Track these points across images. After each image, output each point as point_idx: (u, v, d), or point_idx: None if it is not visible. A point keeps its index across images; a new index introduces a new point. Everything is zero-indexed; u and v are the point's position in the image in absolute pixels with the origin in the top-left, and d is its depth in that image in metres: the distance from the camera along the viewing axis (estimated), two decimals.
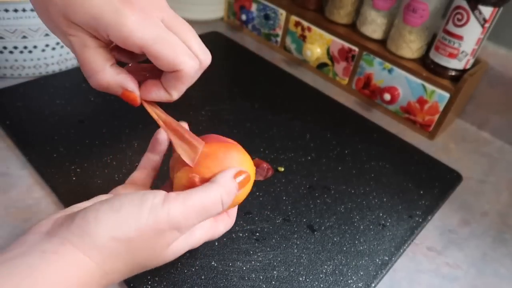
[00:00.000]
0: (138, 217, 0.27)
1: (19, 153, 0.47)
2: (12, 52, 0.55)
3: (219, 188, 0.29)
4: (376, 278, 0.40)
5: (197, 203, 0.28)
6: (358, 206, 0.48)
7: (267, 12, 0.74)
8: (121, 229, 0.26)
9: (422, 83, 0.60)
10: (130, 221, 0.26)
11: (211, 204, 0.29)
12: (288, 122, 0.59)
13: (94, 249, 0.26)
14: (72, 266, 0.25)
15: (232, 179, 0.31)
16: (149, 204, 0.27)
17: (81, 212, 0.27)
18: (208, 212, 0.29)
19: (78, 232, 0.26)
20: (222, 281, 0.38)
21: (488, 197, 0.54)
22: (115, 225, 0.26)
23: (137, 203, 0.27)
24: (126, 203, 0.27)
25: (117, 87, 0.30)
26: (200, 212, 0.28)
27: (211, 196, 0.29)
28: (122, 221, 0.26)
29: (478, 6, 0.52)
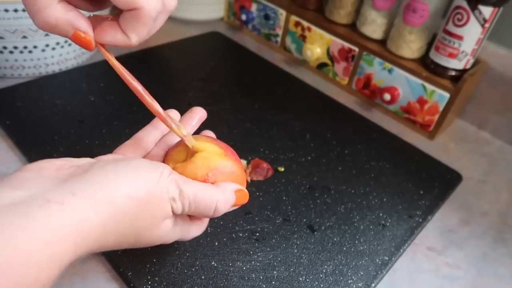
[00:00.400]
0: (151, 180, 0.27)
1: (19, 153, 0.47)
2: (12, 52, 0.55)
3: (219, 192, 0.30)
4: (376, 278, 0.40)
5: (195, 192, 0.29)
6: (358, 206, 0.48)
7: (267, 12, 0.74)
8: (136, 189, 0.26)
9: (422, 83, 0.60)
10: (144, 182, 0.27)
11: (207, 202, 0.30)
12: (288, 122, 0.59)
13: (106, 204, 0.25)
14: (75, 220, 0.24)
15: (233, 192, 0.32)
16: (160, 171, 0.28)
17: (99, 163, 0.27)
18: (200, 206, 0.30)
19: (95, 184, 0.25)
20: (222, 281, 0.38)
21: (488, 197, 0.54)
22: (132, 184, 0.26)
23: (152, 167, 0.28)
24: (142, 165, 0.28)
25: (67, 26, 0.27)
26: (194, 201, 0.29)
27: (208, 195, 0.30)
28: (139, 181, 0.27)
29: (478, 6, 0.52)
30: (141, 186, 0.27)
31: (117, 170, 0.27)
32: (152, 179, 0.27)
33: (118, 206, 0.26)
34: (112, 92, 0.58)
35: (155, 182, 0.27)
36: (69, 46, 0.59)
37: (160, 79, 0.63)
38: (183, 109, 0.36)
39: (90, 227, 0.24)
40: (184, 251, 0.39)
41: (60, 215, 0.23)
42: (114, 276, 0.38)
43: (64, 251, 0.23)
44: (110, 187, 0.25)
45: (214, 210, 0.30)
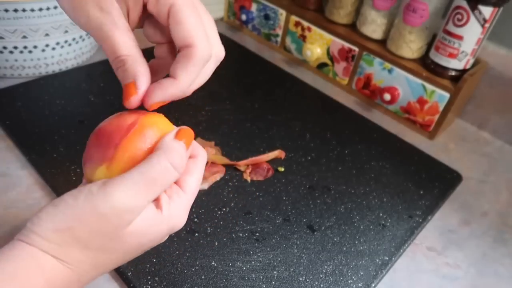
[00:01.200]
0: (74, 205, 0.25)
1: (19, 153, 0.47)
2: (12, 52, 0.55)
3: (160, 154, 0.26)
4: (376, 278, 0.40)
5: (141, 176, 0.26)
6: (358, 206, 0.48)
7: (267, 12, 0.74)
8: (59, 220, 0.25)
9: (422, 83, 0.60)
10: (67, 211, 0.25)
11: (160, 172, 0.26)
12: (288, 122, 0.59)
13: (44, 242, 0.25)
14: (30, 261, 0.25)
15: (174, 140, 0.27)
16: (84, 192, 0.26)
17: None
18: (160, 181, 0.26)
19: (25, 232, 0.26)
20: (222, 281, 0.38)
21: (488, 197, 0.54)
22: (54, 218, 0.26)
23: (74, 194, 0.26)
24: (65, 197, 0.26)
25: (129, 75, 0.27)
26: (149, 185, 0.26)
27: (155, 164, 0.26)
28: (59, 213, 0.26)
29: (478, 6, 0.52)
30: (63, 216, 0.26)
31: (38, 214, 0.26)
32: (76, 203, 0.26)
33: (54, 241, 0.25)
34: (112, 92, 0.58)
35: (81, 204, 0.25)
36: (69, 46, 0.59)
37: None
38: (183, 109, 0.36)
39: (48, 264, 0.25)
40: (184, 251, 0.39)
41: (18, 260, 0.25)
42: (114, 276, 0.38)
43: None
44: (35, 230, 0.25)
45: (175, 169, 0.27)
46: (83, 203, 0.25)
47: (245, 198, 0.46)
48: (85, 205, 0.25)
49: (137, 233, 0.27)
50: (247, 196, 0.46)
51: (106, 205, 0.25)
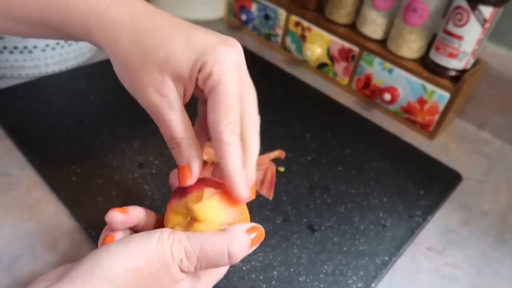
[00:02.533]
0: (147, 246, 0.26)
1: (19, 153, 0.47)
2: (12, 52, 0.55)
3: (226, 237, 0.28)
4: (376, 278, 0.40)
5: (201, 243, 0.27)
6: (358, 206, 0.48)
7: (267, 12, 0.74)
8: (131, 259, 0.26)
9: (422, 83, 0.60)
10: (140, 251, 0.26)
11: (216, 251, 0.27)
12: (288, 122, 0.59)
13: (104, 282, 0.25)
14: None
15: (245, 233, 0.29)
16: (157, 236, 0.27)
17: (91, 252, 0.27)
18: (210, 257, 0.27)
19: (89, 267, 0.25)
20: (222, 281, 0.38)
21: (488, 197, 0.54)
22: (126, 256, 0.26)
23: (145, 235, 0.27)
24: (135, 237, 0.27)
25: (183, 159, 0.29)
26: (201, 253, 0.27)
27: (216, 243, 0.27)
28: (132, 251, 0.26)
29: (478, 6, 0.52)
30: (135, 256, 0.26)
31: (109, 249, 0.26)
32: (149, 245, 0.26)
33: (116, 282, 0.25)
34: (112, 92, 0.58)
35: (154, 248, 0.26)
36: (69, 46, 0.59)
37: None
38: None
39: None
40: None
41: None
42: None
43: None
44: (103, 265, 0.25)
45: (229, 257, 0.27)
46: (156, 245, 0.26)
47: None
48: (157, 249, 0.26)
49: None
50: None
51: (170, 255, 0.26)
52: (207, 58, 0.28)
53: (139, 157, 0.49)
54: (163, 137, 0.30)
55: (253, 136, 0.31)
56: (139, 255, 0.26)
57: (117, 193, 0.44)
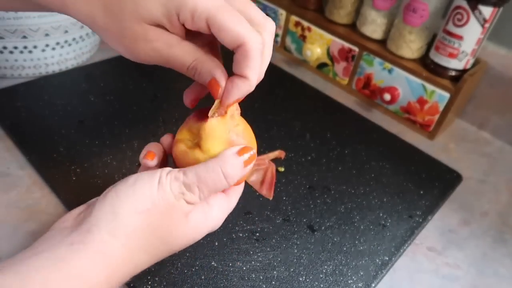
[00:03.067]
0: (150, 188, 0.28)
1: (19, 153, 0.47)
2: (12, 52, 0.55)
3: (218, 162, 0.29)
4: (376, 278, 0.40)
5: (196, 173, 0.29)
6: (358, 206, 0.48)
7: (267, 12, 0.74)
8: (140, 202, 0.27)
9: (422, 83, 0.60)
10: (145, 193, 0.28)
11: (212, 178, 0.29)
12: (288, 122, 0.58)
13: (119, 227, 0.27)
14: (98, 252, 0.26)
15: (235, 155, 0.30)
16: (157, 177, 0.29)
17: (101, 196, 0.28)
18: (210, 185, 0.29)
19: (102, 214, 0.27)
20: (222, 281, 0.38)
21: (488, 197, 0.54)
22: (134, 199, 0.27)
23: (148, 178, 0.29)
24: (139, 178, 0.29)
25: (206, 75, 0.30)
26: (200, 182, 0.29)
27: (210, 169, 0.29)
28: (139, 194, 0.28)
29: (478, 6, 0.52)
30: (142, 198, 0.28)
31: (117, 194, 0.28)
32: (151, 187, 0.28)
33: (132, 225, 0.27)
34: (112, 92, 0.58)
35: (155, 189, 0.28)
36: (69, 46, 0.59)
37: (161, 79, 0.63)
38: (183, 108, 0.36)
39: (114, 253, 0.26)
40: (184, 251, 0.39)
41: (86, 253, 0.26)
42: None
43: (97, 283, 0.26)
44: (116, 212, 0.27)
45: (225, 178, 0.29)
46: (157, 186, 0.28)
47: (245, 198, 0.46)
48: (159, 190, 0.28)
49: (191, 226, 0.30)
50: (247, 196, 0.46)
51: (170, 192, 0.28)
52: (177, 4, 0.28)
53: (139, 157, 0.49)
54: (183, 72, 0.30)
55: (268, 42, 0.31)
56: (145, 198, 0.28)
57: None
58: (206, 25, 0.28)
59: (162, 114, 0.55)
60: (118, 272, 0.27)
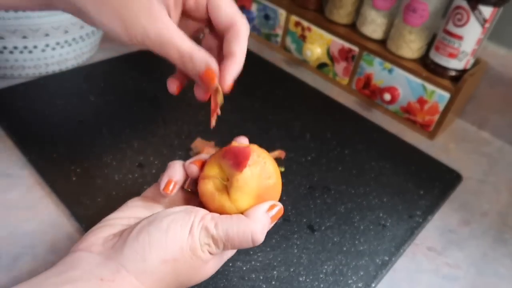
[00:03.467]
0: (181, 237, 0.28)
1: (19, 153, 0.47)
2: (12, 52, 0.55)
3: (250, 224, 0.30)
4: (376, 278, 0.40)
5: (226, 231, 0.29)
6: (358, 206, 0.48)
7: (267, 12, 0.74)
8: (169, 250, 0.28)
9: (422, 83, 0.60)
10: (176, 241, 0.28)
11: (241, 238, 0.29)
12: (288, 122, 0.58)
13: (146, 273, 0.27)
14: None
15: (265, 213, 0.31)
16: (190, 224, 0.29)
17: (132, 234, 0.29)
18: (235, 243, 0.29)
19: (132, 257, 0.28)
20: (222, 281, 0.38)
21: (488, 197, 0.54)
22: (165, 247, 0.28)
23: (181, 223, 0.29)
24: (171, 224, 0.29)
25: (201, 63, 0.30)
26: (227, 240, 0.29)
27: (241, 230, 0.29)
28: (170, 242, 0.28)
29: (478, 6, 0.52)
30: (173, 246, 0.28)
31: (149, 238, 0.28)
32: (183, 235, 0.28)
33: (157, 272, 0.28)
34: (112, 92, 0.58)
35: (186, 237, 0.28)
36: (69, 46, 0.59)
37: (160, 79, 0.63)
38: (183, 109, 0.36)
39: None
40: None
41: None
42: None
43: None
44: (146, 257, 0.28)
45: (252, 241, 0.30)
46: (187, 236, 0.29)
47: None
48: (188, 239, 0.28)
49: (207, 272, 0.31)
50: None
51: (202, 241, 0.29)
52: None
53: (139, 157, 0.49)
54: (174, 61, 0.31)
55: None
56: (174, 246, 0.28)
57: (117, 193, 0.44)
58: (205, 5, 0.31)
59: (162, 114, 0.55)
60: None
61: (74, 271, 0.27)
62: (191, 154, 0.50)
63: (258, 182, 0.31)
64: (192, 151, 0.50)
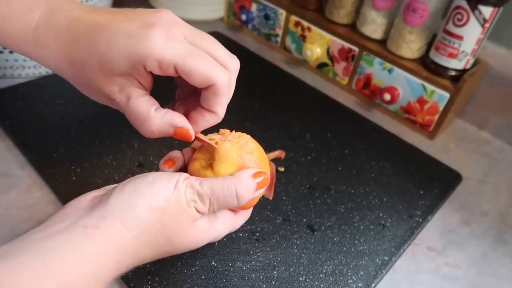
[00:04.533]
0: (167, 189, 0.29)
1: (19, 153, 0.47)
2: (12, 52, 0.55)
3: (234, 180, 0.31)
4: (376, 278, 0.40)
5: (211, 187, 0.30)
6: (358, 206, 0.48)
7: (267, 12, 0.74)
8: (155, 199, 0.28)
9: (422, 83, 0.60)
10: (161, 192, 0.29)
11: (225, 195, 0.30)
12: (288, 122, 0.58)
13: (133, 220, 0.28)
14: (111, 239, 0.27)
15: (250, 177, 0.32)
16: (174, 180, 0.30)
17: (118, 186, 0.29)
18: (222, 201, 0.30)
19: (118, 204, 0.28)
20: (222, 281, 0.38)
21: (488, 197, 0.54)
22: (151, 196, 0.28)
23: (166, 179, 0.30)
24: (157, 178, 0.30)
25: (168, 128, 0.31)
26: (212, 195, 0.30)
27: (225, 185, 0.30)
28: (156, 192, 0.29)
29: (478, 6, 0.52)
30: (158, 196, 0.29)
31: (135, 187, 0.29)
32: (168, 188, 0.29)
33: (144, 219, 0.28)
34: None
35: (171, 190, 0.29)
36: None
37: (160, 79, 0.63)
38: None
39: (125, 243, 0.27)
40: None
41: (99, 238, 0.27)
42: None
43: (108, 268, 0.27)
44: (132, 204, 0.28)
45: (237, 198, 0.30)
46: (173, 189, 0.29)
47: None
48: (174, 192, 0.29)
49: (196, 233, 0.31)
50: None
51: (184, 197, 0.29)
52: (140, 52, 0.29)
53: (139, 157, 0.49)
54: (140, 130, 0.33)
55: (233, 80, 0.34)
56: (160, 196, 0.29)
57: None
58: (174, 71, 0.30)
59: None
60: (125, 262, 0.28)
61: (59, 224, 0.27)
62: None
63: (238, 154, 0.32)
64: None
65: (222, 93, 0.31)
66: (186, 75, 0.30)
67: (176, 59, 0.29)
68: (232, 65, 0.32)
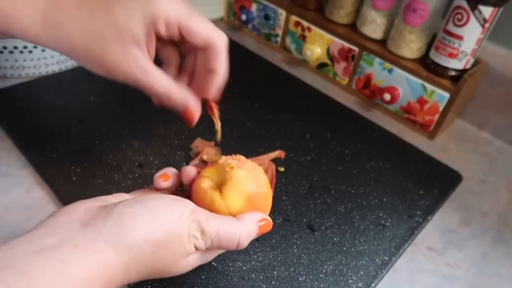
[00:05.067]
0: (169, 220, 0.28)
1: (19, 153, 0.47)
2: (12, 52, 0.55)
3: (240, 227, 0.30)
4: (376, 278, 0.40)
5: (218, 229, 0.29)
6: (358, 206, 0.48)
7: (267, 12, 0.74)
8: (154, 230, 0.27)
9: (422, 83, 0.60)
10: (162, 223, 0.28)
11: (229, 238, 0.30)
12: (288, 122, 0.58)
13: (125, 247, 0.27)
14: (100, 264, 0.26)
15: (256, 223, 0.31)
16: (180, 212, 0.29)
17: (118, 207, 0.28)
18: (223, 243, 0.30)
19: (114, 229, 0.27)
20: (222, 281, 0.38)
21: (488, 197, 0.54)
22: (150, 226, 0.27)
23: (170, 207, 0.29)
24: (160, 206, 0.29)
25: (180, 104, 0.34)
26: (216, 238, 0.29)
27: (231, 231, 0.30)
28: (156, 223, 0.28)
29: (478, 6, 0.52)
30: (158, 228, 0.28)
31: (135, 213, 0.28)
32: (171, 219, 0.28)
33: (137, 249, 0.27)
34: (112, 92, 0.58)
35: (174, 223, 0.28)
36: None
37: None
38: None
39: (113, 268, 0.27)
40: None
41: (89, 260, 0.26)
42: None
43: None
44: (128, 232, 0.27)
45: (237, 245, 0.30)
46: (176, 221, 0.28)
47: None
48: (177, 225, 0.28)
49: (185, 266, 0.30)
50: None
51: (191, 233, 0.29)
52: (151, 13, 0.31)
53: (139, 157, 0.49)
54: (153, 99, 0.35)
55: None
56: (160, 228, 0.28)
57: (117, 193, 0.44)
58: (178, 31, 0.32)
59: (162, 114, 0.55)
60: (113, 285, 0.27)
61: (49, 238, 0.26)
62: (191, 154, 0.50)
63: (250, 185, 0.32)
64: (192, 151, 0.50)
65: (221, 51, 0.34)
66: (189, 33, 0.32)
67: (180, 18, 0.32)
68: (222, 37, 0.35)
